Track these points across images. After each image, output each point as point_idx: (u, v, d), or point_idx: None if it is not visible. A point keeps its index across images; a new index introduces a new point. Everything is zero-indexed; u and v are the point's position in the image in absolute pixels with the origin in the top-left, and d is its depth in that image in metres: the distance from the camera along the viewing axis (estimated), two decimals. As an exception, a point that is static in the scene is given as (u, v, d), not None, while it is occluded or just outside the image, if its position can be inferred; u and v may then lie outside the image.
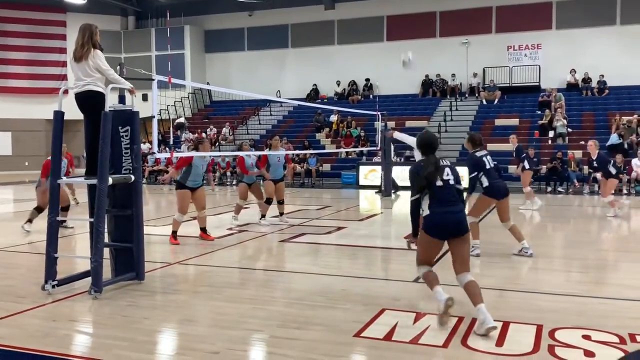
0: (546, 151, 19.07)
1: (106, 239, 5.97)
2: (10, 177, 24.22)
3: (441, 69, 25.07)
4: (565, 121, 20.22)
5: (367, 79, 26.26)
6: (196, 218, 8.92)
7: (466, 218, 4.75)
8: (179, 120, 25.63)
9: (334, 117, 23.94)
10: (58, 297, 5.51)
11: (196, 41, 29.23)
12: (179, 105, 27.09)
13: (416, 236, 4.82)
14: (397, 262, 7.26)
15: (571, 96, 22.86)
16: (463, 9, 24.92)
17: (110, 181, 5.64)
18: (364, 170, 19.00)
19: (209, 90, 28.65)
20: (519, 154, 12.62)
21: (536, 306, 5.21)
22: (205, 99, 29.57)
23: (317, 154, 20.28)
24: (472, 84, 24.69)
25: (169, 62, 26.14)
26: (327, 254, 8.07)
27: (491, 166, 7.33)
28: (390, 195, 15.74)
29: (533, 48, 24.36)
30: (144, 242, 6.17)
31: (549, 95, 22.15)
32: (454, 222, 4.60)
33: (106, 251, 5.96)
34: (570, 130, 20.17)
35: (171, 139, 22.28)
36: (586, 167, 16.58)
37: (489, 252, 7.50)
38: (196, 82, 25.82)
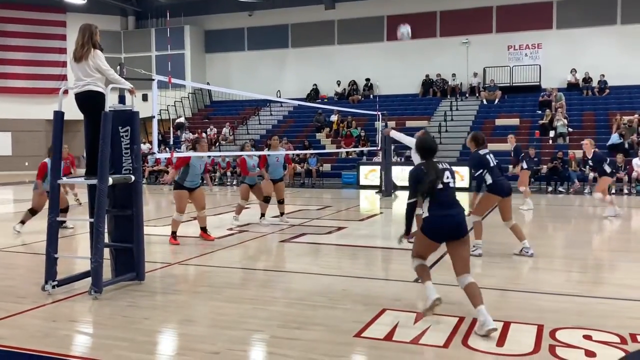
0: (547, 151, 19.07)
1: (106, 239, 5.97)
2: (10, 177, 24.22)
3: (441, 69, 25.06)
4: (565, 121, 20.21)
5: (368, 79, 26.26)
6: (196, 218, 8.92)
7: (465, 220, 4.74)
8: (178, 121, 25.63)
9: (334, 117, 23.93)
10: (58, 297, 5.51)
11: (196, 41, 29.23)
12: (179, 105, 27.10)
13: (408, 234, 4.88)
14: (398, 262, 7.25)
15: (572, 96, 22.86)
16: (463, 9, 24.91)
17: (111, 181, 5.64)
18: (364, 170, 18.99)
19: (209, 90, 28.65)
20: (517, 153, 12.61)
21: (537, 306, 5.20)
22: (205, 99, 29.57)
23: (318, 154, 20.26)
24: (473, 83, 24.68)
25: (169, 62, 26.14)
26: (328, 254, 8.06)
27: (494, 164, 7.34)
28: (390, 195, 15.74)
29: (533, 48, 24.36)
30: (144, 242, 6.16)
31: (550, 95, 22.14)
32: (453, 226, 4.62)
33: (106, 251, 5.95)
34: (570, 130, 20.16)
35: (171, 139, 22.28)
36: (587, 167, 16.57)
37: (489, 252, 7.50)
38: (196, 82, 25.81)
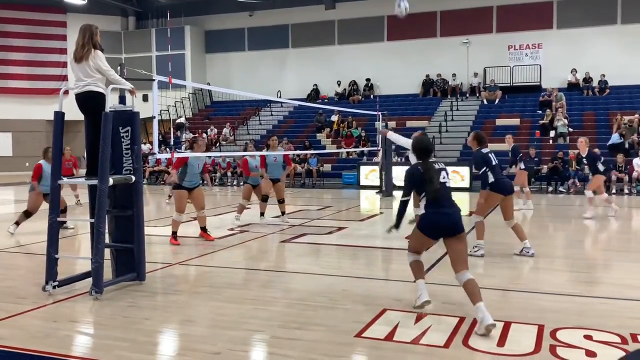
0: (547, 151, 19.05)
1: (107, 239, 5.96)
2: (11, 177, 24.23)
3: (442, 69, 25.05)
4: (566, 121, 20.19)
5: (368, 79, 26.25)
6: (196, 218, 8.92)
7: (461, 218, 4.81)
8: (179, 121, 25.59)
9: (334, 118, 23.92)
10: (59, 297, 5.51)
11: (196, 41, 29.22)
12: (179, 105, 27.09)
13: (397, 228, 4.97)
14: (398, 263, 7.23)
15: (572, 96, 22.84)
16: (463, 9, 24.89)
17: (111, 182, 5.64)
18: (365, 171, 18.98)
19: (209, 91, 28.64)
20: (515, 154, 12.57)
21: (537, 306, 5.20)
22: (205, 99, 29.57)
23: (318, 154, 20.25)
24: (473, 83, 24.66)
25: (170, 63, 26.13)
26: (328, 254, 8.06)
27: (496, 163, 7.36)
28: (391, 195, 15.73)
29: (534, 48, 24.34)
30: (145, 242, 6.17)
31: (550, 94, 22.11)
32: (448, 223, 4.72)
33: (107, 252, 5.95)
34: (571, 130, 20.13)
35: (172, 139, 22.27)
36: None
37: (490, 252, 7.50)
38: (197, 82, 25.77)
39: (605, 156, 17.05)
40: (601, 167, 11.20)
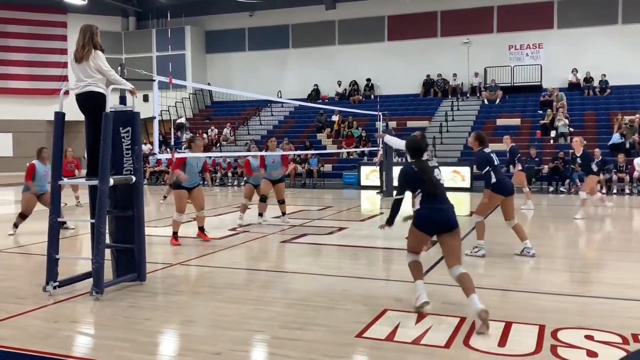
0: (548, 151, 19.02)
1: (107, 240, 5.96)
2: (11, 178, 24.20)
3: (442, 69, 25.03)
4: (567, 121, 20.15)
5: (369, 79, 26.24)
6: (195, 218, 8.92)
7: (455, 214, 4.94)
8: (179, 121, 25.55)
9: (335, 118, 23.91)
10: (59, 298, 5.51)
11: (197, 42, 29.21)
12: (179, 106, 27.07)
13: (391, 224, 5.11)
14: (399, 263, 7.22)
15: (573, 96, 22.80)
16: (464, 9, 24.87)
17: (112, 182, 5.64)
18: (366, 171, 18.96)
19: (209, 91, 28.62)
20: (513, 154, 12.51)
21: (538, 306, 5.20)
22: (206, 99, 29.56)
23: (319, 154, 20.23)
24: (474, 83, 24.64)
25: (170, 63, 26.11)
26: (329, 254, 8.05)
27: (498, 163, 7.36)
28: (391, 196, 15.70)
29: (535, 47, 24.31)
30: (145, 243, 6.16)
31: (551, 94, 22.07)
32: (441, 219, 4.85)
33: (107, 252, 5.94)
34: (572, 130, 20.05)
35: (172, 139, 22.23)
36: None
37: (491, 252, 7.49)
38: (197, 82, 25.72)
39: (606, 156, 17.07)
40: (595, 168, 11.17)
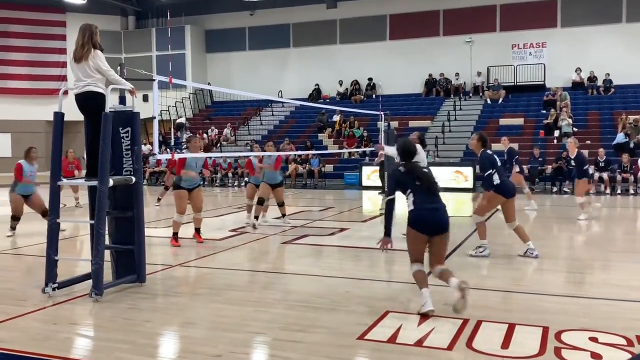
0: (551, 151, 18.94)
1: (107, 241, 5.93)
2: (10, 178, 24.11)
3: (445, 68, 24.95)
4: (570, 120, 20.05)
5: (370, 79, 26.18)
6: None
7: (447, 214, 5.07)
8: (179, 121, 25.49)
9: (336, 117, 23.86)
10: (58, 300, 5.48)
11: (197, 41, 29.17)
12: (179, 105, 27.03)
13: (388, 236, 5.20)
14: (401, 264, 7.17)
15: (577, 95, 22.69)
16: (467, 7, 24.77)
17: (111, 183, 5.61)
18: (367, 171, 18.90)
19: (210, 91, 28.59)
20: (511, 156, 12.40)
21: (542, 308, 5.16)
22: (206, 99, 29.52)
23: (320, 154, 20.17)
24: (476, 83, 24.55)
25: (170, 63, 26.02)
26: (330, 255, 8.01)
27: (500, 164, 7.33)
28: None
29: (538, 46, 24.20)
30: (145, 244, 6.13)
31: (554, 94, 21.96)
32: (434, 220, 5.00)
33: (107, 253, 5.92)
34: (575, 129, 19.97)
35: (172, 139, 22.22)
36: (592, 167, 16.45)
37: (493, 254, 7.45)
38: (197, 82, 25.70)
39: (610, 156, 17.04)
40: (590, 170, 11.01)
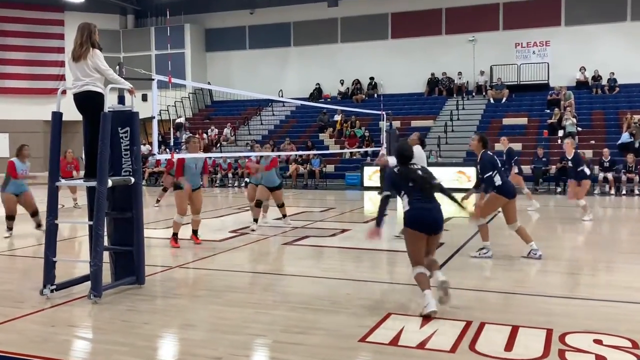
0: (555, 151, 18.82)
1: (106, 242, 5.91)
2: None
3: (447, 67, 24.89)
4: (574, 120, 19.95)
5: (372, 78, 26.12)
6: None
7: (442, 213, 5.14)
8: (178, 121, 25.45)
9: (337, 117, 23.81)
10: (57, 301, 5.45)
11: (197, 40, 29.10)
12: (179, 105, 26.99)
13: (378, 226, 5.31)
14: (403, 266, 7.10)
15: (581, 94, 22.59)
16: (469, 6, 24.67)
17: (110, 183, 5.58)
18: (368, 171, 18.83)
19: (209, 90, 28.55)
20: (510, 157, 12.29)
21: (545, 310, 5.13)
22: (206, 99, 29.48)
23: (321, 154, 20.12)
24: (479, 82, 24.46)
25: (169, 62, 26.04)
26: (331, 257, 7.97)
27: (500, 165, 7.30)
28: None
29: (542, 45, 24.10)
30: (144, 245, 6.10)
31: (558, 93, 21.88)
32: (430, 219, 5.08)
33: (106, 255, 5.90)
34: (580, 129, 19.90)
35: (172, 140, 22.18)
36: (597, 167, 16.41)
37: (495, 255, 7.39)
38: (197, 81, 25.70)
39: (615, 156, 16.96)
40: (587, 171, 10.85)
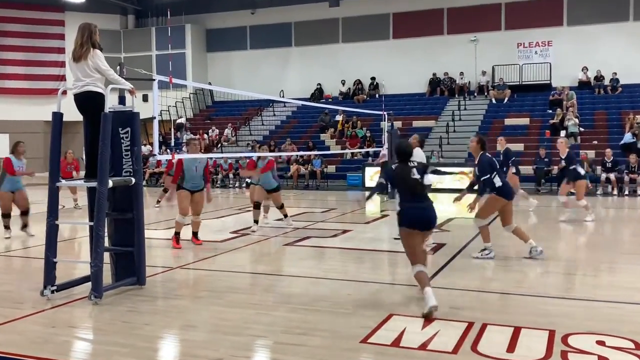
0: (557, 151, 18.75)
1: (106, 242, 5.90)
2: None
3: (449, 67, 24.83)
4: (577, 120, 19.90)
5: (373, 78, 26.09)
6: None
7: (435, 212, 5.28)
8: (179, 121, 25.43)
9: (339, 117, 23.79)
10: (57, 302, 5.45)
11: (197, 40, 29.09)
12: (180, 106, 26.97)
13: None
14: (405, 266, 7.06)
15: (583, 94, 22.52)
16: (471, 6, 24.59)
17: (111, 184, 5.57)
18: (370, 172, 18.80)
19: (210, 91, 28.54)
20: (507, 157, 12.22)
21: (547, 311, 5.11)
22: (207, 99, 29.46)
23: (322, 155, 20.10)
24: (481, 82, 24.41)
25: (170, 62, 25.93)
26: (332, 257, 7.96)
27: (498, 166, 7.30)
28: (394, 197, 15.52)
29: (544, 45, 24.03)
30: (145, 246, 6.09)
31: (560, 93, 21.82)
32: (422, 218, 5.21)
33: (106, 255, 5.89)
34: (582, 129, 19.85)
35: (172, 140, 22.15)
36: (600, 167, 16.38)
37: (496, 256, 7.36)
38: (198, 82, 25.65)
39: (618, 156, 16.93)
40: (582, 171, 10.78)
